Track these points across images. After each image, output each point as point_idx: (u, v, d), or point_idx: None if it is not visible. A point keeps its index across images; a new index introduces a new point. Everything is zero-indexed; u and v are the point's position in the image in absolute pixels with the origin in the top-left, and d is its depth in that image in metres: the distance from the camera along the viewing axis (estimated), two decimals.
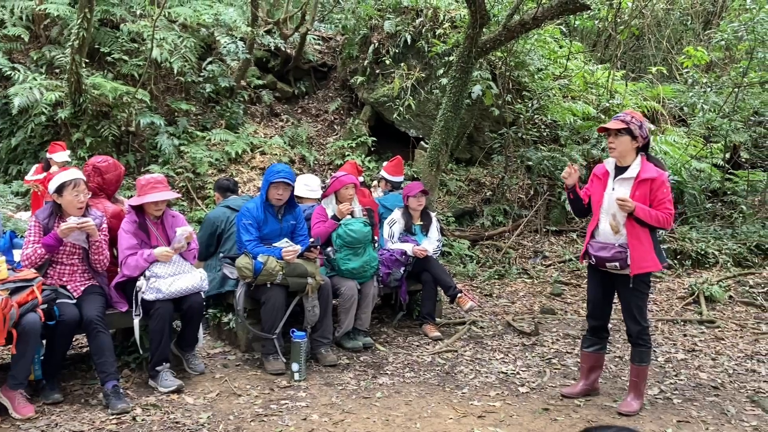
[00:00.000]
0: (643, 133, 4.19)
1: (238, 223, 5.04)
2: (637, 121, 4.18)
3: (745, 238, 8.52)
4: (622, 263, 4.16)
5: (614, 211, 4.19)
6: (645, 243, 4.18)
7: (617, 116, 4.25)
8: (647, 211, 4.10)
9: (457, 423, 4.02)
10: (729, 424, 4.14)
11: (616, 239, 4.20)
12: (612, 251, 4.19)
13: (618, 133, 4.18)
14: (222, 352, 5.20)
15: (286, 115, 10.19)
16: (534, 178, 9.51)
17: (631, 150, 4.21)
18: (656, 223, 4.14)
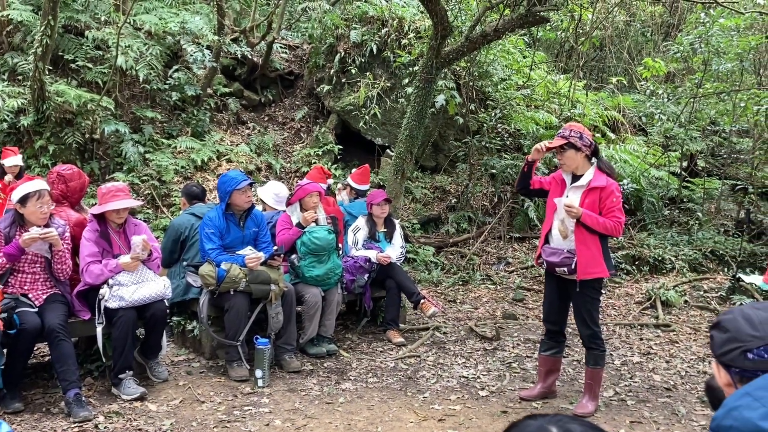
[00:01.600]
0: (585, 142, 4.32)
1: (201, 232, 5.07)
2: (575, 132, 4.31)
3: (701, 244, 8.79)
4: (570, 268, 4.30)
5: (563, 216, 4.33)
6: (593, 249, 4.32)
7: (559, 133, 4.40)
8: (595, 219, 4.24)
9: (418, 426, 4.11)
10: (679, 423, 4.30)
11: (566, 245, 4.34)
12: (561, 256, 4.33)
13: (562, 149, 4.32)
14: (186, 359, 5.22)
15: (253, 122, 10.22)
16: (497, 186, 9.68)
17: (580, 161, 4.36)
18: (604, 230, 4.28)
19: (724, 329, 1.59)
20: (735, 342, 1.55)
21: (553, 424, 1.15)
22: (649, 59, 10.72)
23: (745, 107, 9.60)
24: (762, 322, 1.53)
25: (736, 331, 1.56)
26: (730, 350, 1.56)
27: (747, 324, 1.55)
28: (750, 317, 1.56)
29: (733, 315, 1.59)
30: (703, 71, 9.65)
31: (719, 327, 1.61)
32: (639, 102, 12.14)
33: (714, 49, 9.15)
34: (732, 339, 1.56)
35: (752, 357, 1.51)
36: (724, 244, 8.81)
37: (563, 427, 1.15)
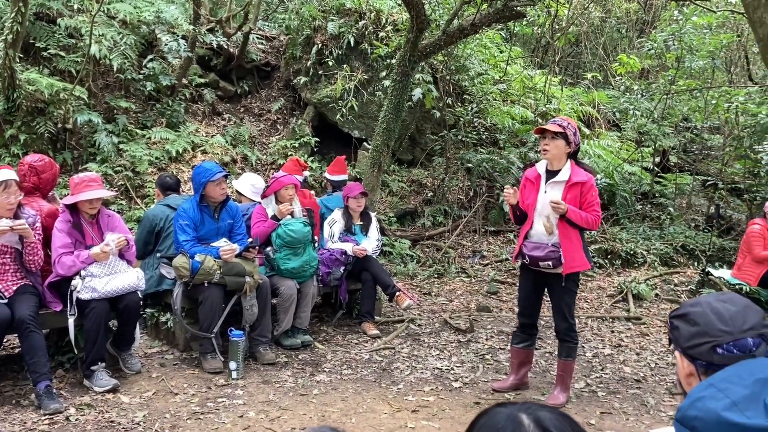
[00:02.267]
0: (576, 139, 4.39)
1: (175, 223, 5.04)
2: (572, 127, 4.39)
3: (672, 239, 8.94)
4: (555, 262, 4.35)
5: (548, 213, 4.38)
6: (575, 243, 4.39)
7: (554, 120, 4.44)
8: (578, 213, 4.31)
9: (392, 417, 4.14)
10: (648, 414, 4.38)
11: (549, 239, 4.39)
12: (545, 251, 4.38)
13: (555, 136, 4.37)
14: (159, 351, 5.19)
15: (229, 114, 10.14)
16: (473, 180, 9.74)
17: (563, 154, 4.41)
18: (586, 224, 4.36)
19: (693, 322, 1.60)
20: (705, 337, 1.56)
21: (523, 411, 1.17)
22: (624, 56, 10.85)
23: (717, 104, 9.76)
24: (732, 317, 1.55)
25: (706, 325, 1.57)
26: (699, 344, 1.57)
27: (717, 319, 1.56)
28: (719, 312, 1.57)
29: (702, 308, 1.60)
30: (677, 68, 9.79)
31: (686, 319, 1.62)
32: (613, 98, 12.28)
33: (687, 46, 9.28)
34: (702, 333, 1.57)
35: (721, 352, 1.54)
36: (695, 239, 8.97)
37: (533, 414, 1.17)
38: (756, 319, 1.56)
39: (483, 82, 10.53)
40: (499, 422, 1.18)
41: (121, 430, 3.80)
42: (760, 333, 1.54)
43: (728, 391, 1.34)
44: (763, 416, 1.28)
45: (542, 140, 4.46)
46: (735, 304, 1.58)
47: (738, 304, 1.58)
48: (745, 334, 1.53)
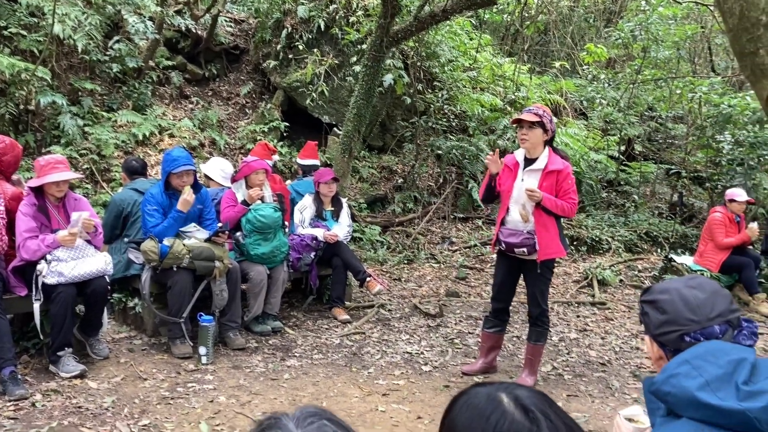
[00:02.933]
0: (552, 127, 4.44)
1: (142, 208, 4.98)
2: (548, 115, 4.44)
3: (636, 226, 9.11)
4: (530, 249, 4.41)
5: (524, 200, 4.43)
6: (551, 231, 4.45)
7: (530, 109, 4.48)
8: (554, 201, 4.37)
9: (362, 401, 4.18)
10: (613, 397, 4.49)
11: (525, 226, 4.44)
12: (521, 237, 4.43)
13: (532, 125, 4.41)
14: (127, 336, 5.14)
15: (196, 97, 9.99)
16: (443, 167, 9.78)
17: (541, 142, 4.46)
18: (561, 212, 4.42)
19: (662, 310, 1.64)
20: (673, 325, 1.60)
21: (502, 391, 1.20)
22: (592, 45, 10.97)
23: (681, 94, 9.95)
24: (699, 306, 1.59)
25: (674, 314, 1.61)
26: (668, 332, 1.62)
27: (685, 307, 1.60)
28: (688, 300, 1.61)
29: (671, 296, 1.63)
30: (643, 58, 9.93)
31: (656, 306, 1.66)
32: (580, 86, 12.42)
33: (653, 36, 9.42)
34: (670, 322, 1.61)
35: (689, 340, 1.58)
36: (658, 226, 9.16)
37: (511, 393, 1.20)
38: (724, 306, 1.59)
39: (453, 69, 10.55)
40: (480, 402, 1.20)
41: (90, 415, 3.76)
42: (727, 320, 1.58)
43: (702, 370, 1.38)
44: (734, 398, 1.32)
45: (520, 130, 4.50)
46: (704, 291, 1.62)
47: (707, 290, 1.62)
48: (711, 323, 1.58)
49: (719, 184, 9.45)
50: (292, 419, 0.92)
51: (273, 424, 0.91)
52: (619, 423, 2.65)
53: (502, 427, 1.14)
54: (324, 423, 0.92)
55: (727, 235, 7.19)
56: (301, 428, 0.90)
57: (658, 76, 10.14)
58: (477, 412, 1.19)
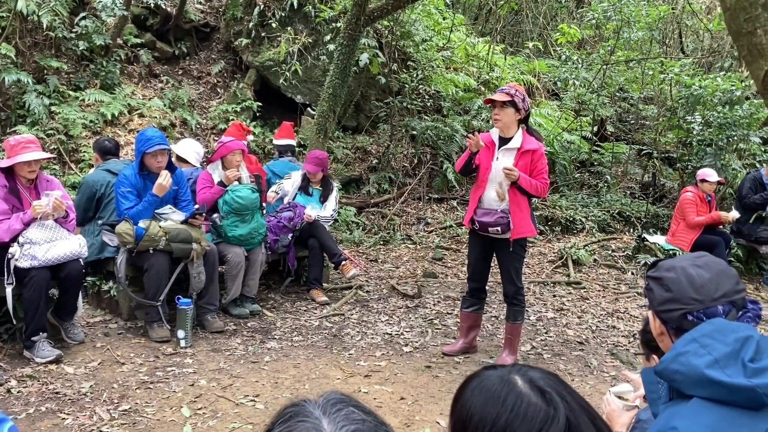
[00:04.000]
0: (525, 105, 4.43)
1: (116, 190, 4.86)
2: (520, 94, 4.42)
3: (609, 206, 9.21)
4: (504, 228, 4.42)
5: (500, 179, 4.42)
6: (524, 210, 4.47)
7: (502, 89, 4.47)
8: (528, 181, 4.38)
9: (344, 383, 4.16)
10: (592, 375, 4.54)
11: (499, 205, 4.45)
12: (495, 216, 4.43)
13: (503, 105, 4.39)
14: (103, 320, 5.04)
15: (166, 76, 9.78)
16: (418, 147, 9.75)
17: (514, 122, 4.45)
18: (535, 192, 4.43)
19: (666, 288, 1.64)
20: (677, 303, 1.61)
21: (514, 373, 1.18)
22: (565, 25, 10.99)
23: (653, 75, 10.03)
24: (704, 285, 1.59)
25: (678, 292, 1.61)
26: (671, 310, 1.62)
27: (690, 286, 1.60)
28: (693, 279, 1.60)
29: (677, 275, 1.62)
30: (616, 39, 9.98)
31: (661, 283, 1.66)
32: (553, 67, 12.45)
33: (626, 17, 9.46)
34: (674, 300, 1.61)
35: (691, 319, 1.58)
36: (630, 206, 9.28)
37: (525, 375, 1.18)
38: (729, 286, 1.60)
39: (427, 49, 10.49)
40: (493, 385, 1.18)
41: (68, 401, 3.68)
42: (731, 300, 1.58)
43: (710, 348, 1.38)
44: (741, 375, 1.33)
45: (492, 110, 4.49)
46: (709, 270, 1.61)
47: (712, 270, 1.62)
48: (715, 303, 1.58)
49: (689, 164, 9.58)
50: (318, 406, 0.89)
51: (298, 411, 0.88)
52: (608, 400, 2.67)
53: (519, 410, 1.13)
54: (351, 410, 0.89)
55: (698, 215, 7.30)
56: (328, 415, 0.87)
57: (630, 58, 10.20)
58: (491, 395, 1.17)
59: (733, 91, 8.86)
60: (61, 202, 4.24)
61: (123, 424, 3.46)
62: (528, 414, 1.11)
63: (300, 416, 0.86)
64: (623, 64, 10.60)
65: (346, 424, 0.85)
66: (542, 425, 1.10)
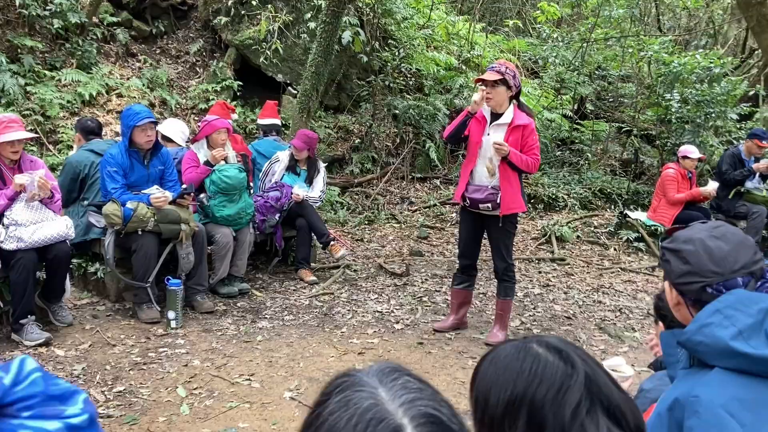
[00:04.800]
0: (516, 82, 4.43)
1: (102, 170, 4.78)
2: (510, 71, 4.41)
3: (590, 183, 9.29)
4: (494, 204, 4.44)
5: (491, 155, 4.43)
6: (514, 186, 4.49)
7: (492, 67, 4.46)
8: (519, 156, 4.38)
9: (339, 360, 4.17)
10: None
11: (489, 182, 4.46)
12: (485, 193, 4.45)
13: (494, 84, 4.38)
14: (90, 302, 4.98)
15: (144, 55, 9.60)
16: (400, 127, 9.72)
17: (505, 99, 4.45)
18: (525, 167, 4.45)
19: (684, 260, 1.62)
20: (695, 276, 1.60)
21: (531, 342, 1.18)
22: (545, 3, 11.00)
23: (632, 53, 10.09)
24: (723, 258, 1.58)
25: (697, 265, 1.59)
26: (689, 282, 1.61)
27: (709, 260, 1.58)
28: (711, 251, 1.59)
29: (695, 247, 1.61)
30: (596, 17, 10.00)
31: (679, 255, 1.64)
32: (532, 45, 12.46)
33: None
34: (692, 273, 1.60)
35: (711, 291, 1.57)
36: (611, 184, 9.37)
37: (541, 341, 1.19)
38: (747, 257, 1.60)
39: (408, 27, 10.43)
40: (510, 353, 1.18)
41: None
42: (750, 271, 1.58)
43: (734, 319, 1.40)
44: (765, 346, 1.35)
45: (485, 89, 4.48)
46: (728, 242, 1.60)
47: (731, 242, 1.61)
48: (735, 275, 1.57)
49: (668, 141, 9.69)
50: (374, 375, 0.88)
51: (353, 381, 0.87)
52: None
53: (537, 370, 1.13)
54: (407, 379, 0.88)
55: (679, 191, 7.39)
56: (385, 385, 0.85)
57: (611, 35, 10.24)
58: (508, 361, 1.17)
59: (711, 68, 8.94)
60: (46, 181, 4.17)
61: (119, 405, 3.43)
62: (546, 373, 1.12)
63: (356, 386, 0.85)
64: (602, 42, 10.63)
65: (405, 393, 0.84)
66: (562, 382, 1.10)
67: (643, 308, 5.57)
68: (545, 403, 1.12)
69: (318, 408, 0.87)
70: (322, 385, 0.90)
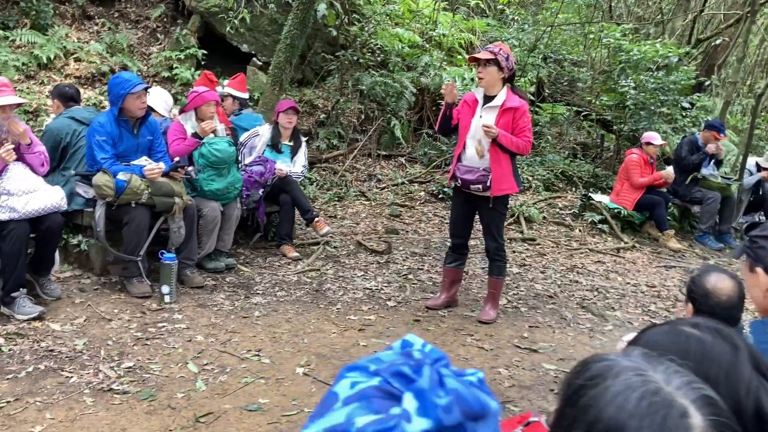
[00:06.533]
0: (509, 65, 4.49)
1: (90, 139, 4.61)
2: (504, 53, 4.47)
3: (552, 166, 9.53)
4: (485, 185, 4.51)
5: (480, 136, 4.50)
6: (505, 167, 4.56)
7: (486, 47, 4.51)
8: (509, 138, 4.46)
9: (341, 336, 4.20)
10: (569, 327, 4.78)
11: (481, 163, 4.53)
12: (476, 174, 4.52)
13: (487, 63, 4.44)
14: (74, 275, 4.81)
15: (102, 18, 9.21)
16: (366, 103, 9.69)
17: (497, 80, 4.51)
18: (516, 149, 4.53)
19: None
20: None
21: (680, 324, 1.22)
22: None
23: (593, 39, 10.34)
24: None
25: None
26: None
27: None
28: None
29: None
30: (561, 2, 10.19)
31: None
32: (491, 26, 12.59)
33: None
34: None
35: None
36: (571, 166, 9.64)
37: (690, 323, 1.22)
38: None
39: (373, 3, 10.35)
40: (673, 339, 1.22)
41: (66, 359, 3.54)
42: None
43: None
44: None
45: (477, 68, 4.55)
46: None
47: None
48: None
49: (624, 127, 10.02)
50: (639, 358, 0.91)
51: (623, 366, 0.89)
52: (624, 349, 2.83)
53: (704, 350, 1.15)
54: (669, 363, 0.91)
55: (641, 175, 7.69)
56: (655, 369, 0.88)
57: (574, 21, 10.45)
58: (668, 344, 1.19)
59: (669, 57, 9.27)
60: (15, 121, 3.96)
61: (132, 381, 3.36)
62: (714, 353, 1.14)
63: (631, 370, 0.88)
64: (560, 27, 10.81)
65: (678, 376, 0.87)
66: (731, 360, 1.14)
67: (617, 288, 5.81)
68: (719, 382, 1.17)
69: (587, 390, 0.89)
70: (331, 360, 0.91)
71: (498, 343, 4.31)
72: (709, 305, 2.56)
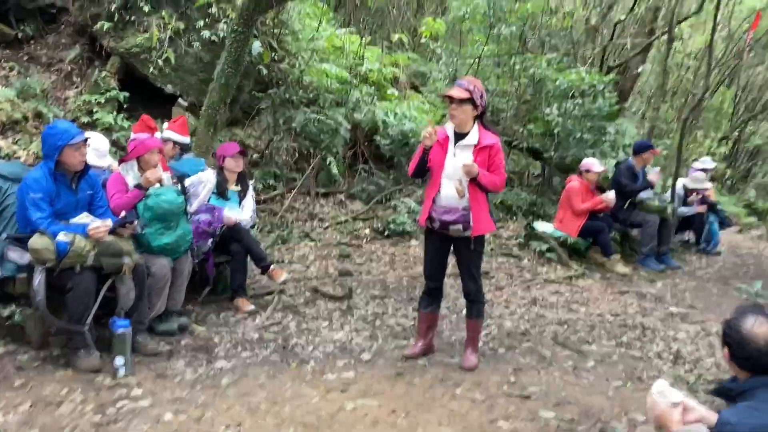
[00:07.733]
0: (483, 102, 4.36)
1: (23, 198, 4.11)
2: (478, 90, 4.33)
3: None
4: (465, 225, 4.34)
5: (459, 176, 4.32)
6: (483, 206, 4.42)
7: (460, 84, 4.36)
8: (488, 177, 4.32)
9: (324, 401, 3.86)
10: (552, 366, 4.61)
11: (460, 203, 4.35)
12: (456, 214, 4.33)
13: (461, 102, 4.29)
14: (8, 351, 4.23)
15: (11, 62, 8.52)
16: (300, 141, 9.40)
17: (470, 118, 4.37)
18: (493, 187, 4.40)
19: None
20: None
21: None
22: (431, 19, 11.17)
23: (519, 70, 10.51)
24: None
25: None
26: None
27: None
28: None
29: None
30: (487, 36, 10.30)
31: None
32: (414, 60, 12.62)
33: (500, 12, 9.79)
34: None
35: None
36: (509, 196, 9.66)
37: None
38: None
39: (301, 40, 10.13)
40: None
41: None
42: None
43: None
44: None
45: (450, 106, 4.40)
46: None
47: None
48: None
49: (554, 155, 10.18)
50: None
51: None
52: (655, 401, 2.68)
53: None
54: None
55: (583, 201, 7.76)
56: None
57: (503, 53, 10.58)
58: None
59: (595, 85, 9.51)
60: None
61: None
62: None
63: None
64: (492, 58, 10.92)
65: None
66: None
67: (584, 319, 5.73)
68: None
69: None
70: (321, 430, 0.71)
71: (488, 392, 4.08)
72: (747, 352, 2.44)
